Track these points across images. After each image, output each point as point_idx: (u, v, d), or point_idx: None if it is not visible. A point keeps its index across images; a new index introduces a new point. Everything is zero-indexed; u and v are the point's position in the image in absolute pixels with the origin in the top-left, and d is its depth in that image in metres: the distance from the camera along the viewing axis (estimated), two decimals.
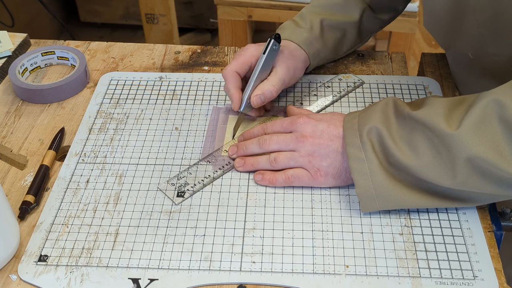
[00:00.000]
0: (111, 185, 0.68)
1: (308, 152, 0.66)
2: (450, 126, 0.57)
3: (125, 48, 0.93)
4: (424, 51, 1.13)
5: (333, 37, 0.82)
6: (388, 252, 0.61)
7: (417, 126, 0.60)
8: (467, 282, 0.58)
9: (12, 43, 0.91)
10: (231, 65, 0.74)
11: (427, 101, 0.62)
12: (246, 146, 0.70)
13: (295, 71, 0.77)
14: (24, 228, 0.64)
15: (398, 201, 0.62)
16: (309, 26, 0.80)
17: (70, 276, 0.59)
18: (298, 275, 0.59)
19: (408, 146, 0.60)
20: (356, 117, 0.65)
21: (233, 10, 1.69)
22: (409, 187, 0.61)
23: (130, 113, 0.79)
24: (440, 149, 0.58)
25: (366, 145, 0.62)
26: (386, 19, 0.86)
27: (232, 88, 0.73)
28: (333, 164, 0.65)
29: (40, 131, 0.77)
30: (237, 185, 0.68)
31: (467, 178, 0.57)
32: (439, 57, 0.88)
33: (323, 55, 0.81)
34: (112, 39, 2.32)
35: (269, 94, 0.73)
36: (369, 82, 0.83)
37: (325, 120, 0.67)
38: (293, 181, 0.66)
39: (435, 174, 0.59)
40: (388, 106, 0.64)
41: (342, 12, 0.82)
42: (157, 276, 0.59)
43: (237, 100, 0.73)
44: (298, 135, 0.67)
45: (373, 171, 0.61)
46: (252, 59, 0.75)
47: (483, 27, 0.68)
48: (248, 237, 0.62)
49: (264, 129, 0.71)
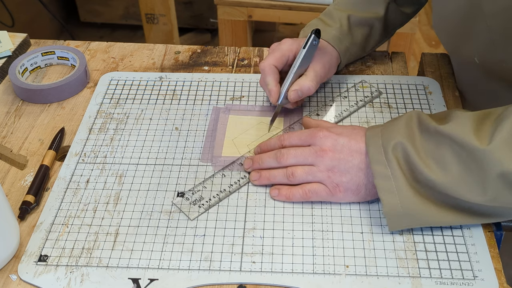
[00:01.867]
0: (111, 185, 0.68)
1: (327, 167, 0.64)
2: (481, 141, 0.56)
3: (125, 48, 0.93)
4: (424, 51, 1.13)
5: (361, 33, 0.81)
6: (388, 252, 0.61)
7: (444, 140, 0.59)
8: (467, 282, 0.58)
9: (12, 43, 0.91)
10: (269, 59, 0.74)
11: (453, 115, 0.60)
12: (262, 160, 0.68)
13: (330, 68, 0.77)
14: (24, 228, 0.64)
15: (426, 219, 0.60)
16: (337, 24, 0.79)
17: (70, 276, 0.59)
18: (298, 275, 0.59)
19: (435, 162, 0.59)
20: (379, 133, 0.63)
21: (233, 10, 1.68)
22: (436, 204, 0.59)
23: (130, 113, 0.79)
24: (470, 164, 0.57)
25: (392, 162, 0.60)
26: (409, 12, 0.86)
27: (271, 81, 0.73)
28: (353, 180, 0.63)
29: (40, 131, 0.77)
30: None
31: (498, 193, 0.56)
32: (439, 57, 0.88)
33: (353, 52, 0.81)
34: (112, 39, 2.32)
35: (307, 90, 0.72)
36: (369, 82, 0.83)
37: (346, 135, 0.65)
38: (311, 196, 0.64)
39: (465, 190, 0.57)
40: (412, 120, 0.62)
41: (368, 7, 0.82)
42: (157, 276, 0.59)
43: (275, 94, 0.73)
44: (318, 149, 0.65)
45: (400, 189, 0.59)
46: (289, 53, 0.75)
47: (494, 34, 0.68)
48: (248, 237, 0.62)
49: (281, 140, 0.69)
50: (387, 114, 0.77)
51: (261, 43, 2.28)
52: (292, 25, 2.38)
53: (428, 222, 0.61)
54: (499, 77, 0.73)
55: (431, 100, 0.79)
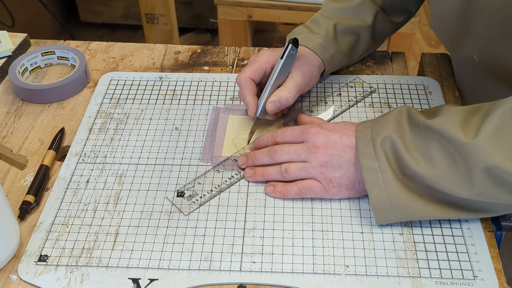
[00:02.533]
0: (111, 185, 0.68)
1: (320, 163, 0.65)
2: (467, 135, 0.56)
3: (125, 48, 0.93)
4: (424, 51, 1.13)
5: (347, 41, 0.80)
6: (388, 252, 0.61)
7: (432, 135, 0.59)
8: (467, 282, 0.58)
9: (12, 43, 0.91)
10: (246, 72, 0.73)
11: (442, 110, 0.61)
12: (255, 157, 0.68)
13: (311, 78, 0.75)
14: (24, 228, 0.64)
15: (413, 213, 0.60)
16: (323, 31, 0.78)
17: (70, 276, 0.59)
18: (298, 275, 0.59)
19: (423, 156, 0.59)
20: (369, 127, 0.63)
21: (233, 10, 1.68)
22: (424, 198, 0.60)
23: (130, 113, 0.79)
24: (456, 159, 0.57)
25: (380, 156, 0.60)
26: (399, 21, 0.85)
27: (247, 95, 0.72)
28: (346, 175, 0.64)
29: (40, 131, 0.77)
30: (237, 185, 0.68)
31: (484, 188, 0.56)
32: (439, 57, 0.88)
33: (338, 60, 0.80)
34: (112, 39, 2.32)
35: (285, 101, 0.71)
36: (369, 82, 0.83)
37: (338, 130, 0.66)
38: (306, 192, 0.65)
39: (451, 184, 0.57)
40: (401, 115, 0.62)
41: (355, 16, 0.81)
42: (157, 276, 0.59)
43: (253, 107, 0.72)
44: (310, 146, 0.65)
45: (387, 182, 0.60)
46: (266, 65, 0.74)
47: (492, 31, 0.68)
48: (248, 237, 0.62)
49: (274, 137, 0.69)
50: None
51: (261, 43, 2.28)
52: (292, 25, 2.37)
53: (415, 216, 0.61)
54: (498, 75, 0.73)
55: (431, 100, 0.79)
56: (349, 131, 0.65)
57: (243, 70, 0.74)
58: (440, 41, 0.81)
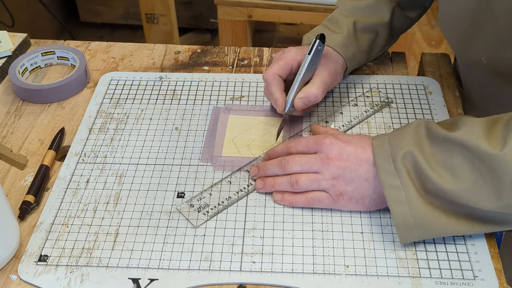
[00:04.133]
0: (111, 185, 0.68)
1: (333, 175, 0.63)
2: (494, 146, 0.55)
3: (125, 48, 0.93)
4: (424, 51, 1.13)
5: (366, 39, 0.80)
6: (388, 252, 0.61)
7: (454, 148, 0.57)
8: (467, 282, 0.58)
9: (12, 43, 0.91)
10: (273, 68, 0.73)
11: (462, 122, 0.59)
12: (267, 168, 0.67)
13: (336, 75, 0.75)
14: (24, 228, 0.64)
15: (438, 230, 0.59)
16: (344, 31, 0.78)
17: (70, 276, 0.59)
18: (298, 275, 0.59)
19: (446, 170, 0.57)
20: (387, 141, 0.61)
21: (233, 10, 1.68)
22: (447, 213, 0.58)
23: (130, 113, 0.79)
24: (483, 171, 0.55)
25: (401, 172, 0.59)
26: (414, 16, 0.86)
27: (276, 91, 0.72)
28: (358, 189, 0.62)
29: (40, 131, 0.77)
30: (237, 184, 0.68)
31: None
32: (439, 57, 0.88)
33: (358, 58, 0.80)
34: (112, 39, 2.32)
35: (314, 98, 0.71)
36: (370, 82, 0.83)
37: (353, 143, 0.64)
38: (313, 203, 0.64)
39: (477, 197, 0.56)
40: (420, 128, 0.61)
41: (373, 13, 0.81)
42: (157, 276, 0.59)
43: (281, 103, 0.72)
44: (324, 157, 0.64)
45: (410, 200, 0.58)
46: (293, 62, 0.74)
47: (504, 33, 0.67)
48: (248, 237, 0.62)
49: (288, 148, 0.68)
50: (387, 114, 0.78)
51: (261, 43, 2.28)
52: (292, 25, 2.38)
53: (439, 232, 0.59)
54: (506, 77, 0.73)
55: (431, 100, 0.79)
56: (365, 144, 0.63)
57: (270, 67, 0.74)
58: (447, 40, 0.81)
